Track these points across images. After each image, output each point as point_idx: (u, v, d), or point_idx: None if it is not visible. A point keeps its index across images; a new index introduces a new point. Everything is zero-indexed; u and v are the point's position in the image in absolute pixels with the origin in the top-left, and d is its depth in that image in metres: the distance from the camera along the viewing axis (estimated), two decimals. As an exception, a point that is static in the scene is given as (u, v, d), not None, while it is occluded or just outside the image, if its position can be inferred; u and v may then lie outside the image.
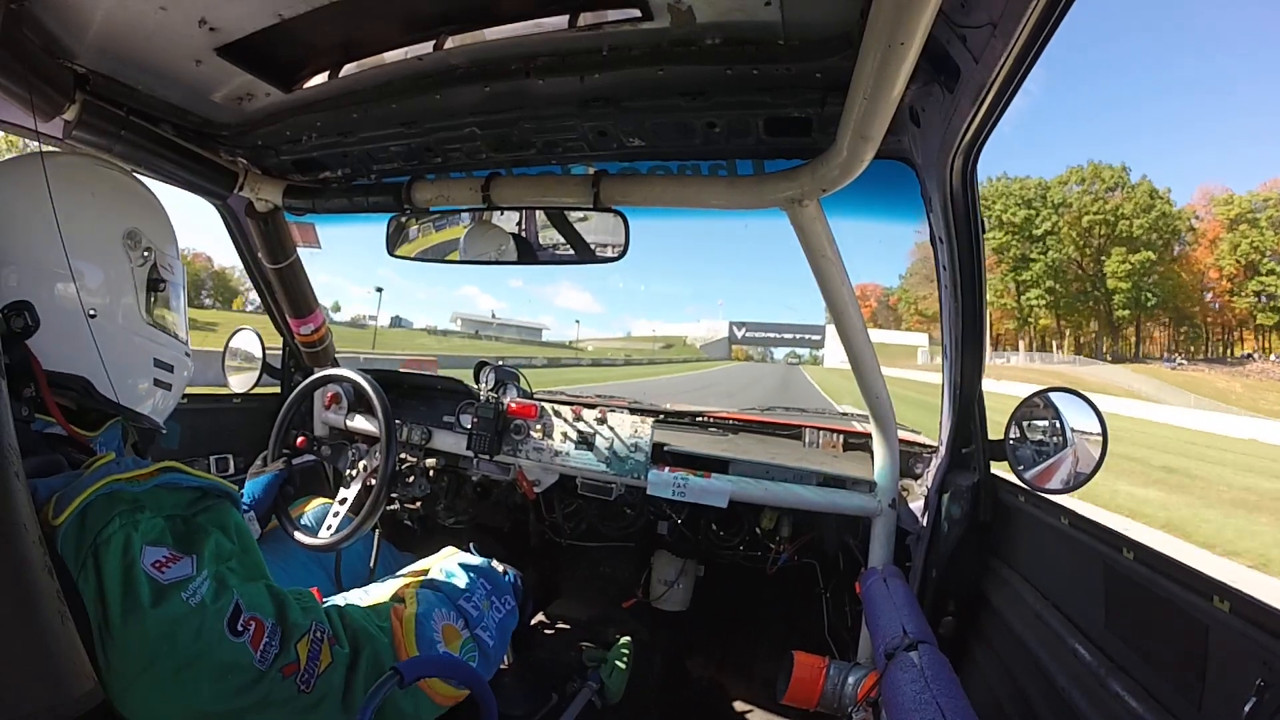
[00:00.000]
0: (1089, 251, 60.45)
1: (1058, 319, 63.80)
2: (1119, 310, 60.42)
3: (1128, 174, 59.46)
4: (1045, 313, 63.20)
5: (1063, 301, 62.41)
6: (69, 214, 0.81)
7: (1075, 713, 0.86)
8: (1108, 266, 58.95)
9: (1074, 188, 60.74)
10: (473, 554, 1.31)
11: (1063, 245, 60.37)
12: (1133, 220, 57.60)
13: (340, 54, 1.11)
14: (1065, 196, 60.54)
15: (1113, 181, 59.41)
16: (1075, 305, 62.90)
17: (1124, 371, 51.76)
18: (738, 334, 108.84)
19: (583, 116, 1.16)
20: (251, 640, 0.72)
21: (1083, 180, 60.62)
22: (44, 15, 0.94)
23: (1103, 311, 62.07)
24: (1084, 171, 60.71)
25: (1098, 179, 60.01)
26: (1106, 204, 58.77)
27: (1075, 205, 59.81)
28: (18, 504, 0.56)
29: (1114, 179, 59.54)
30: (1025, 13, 0.64)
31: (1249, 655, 0.61)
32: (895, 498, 1.47)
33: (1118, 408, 28.35)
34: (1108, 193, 59.26)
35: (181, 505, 0.75)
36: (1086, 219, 59.05)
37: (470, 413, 1.79)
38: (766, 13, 0.86)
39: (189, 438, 1.86)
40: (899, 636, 1.01)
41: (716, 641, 2.19)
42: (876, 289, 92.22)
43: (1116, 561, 0.86)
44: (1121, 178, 59.43)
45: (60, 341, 0.81)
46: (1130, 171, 59.55)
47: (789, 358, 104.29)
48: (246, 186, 1.56)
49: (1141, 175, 60.04)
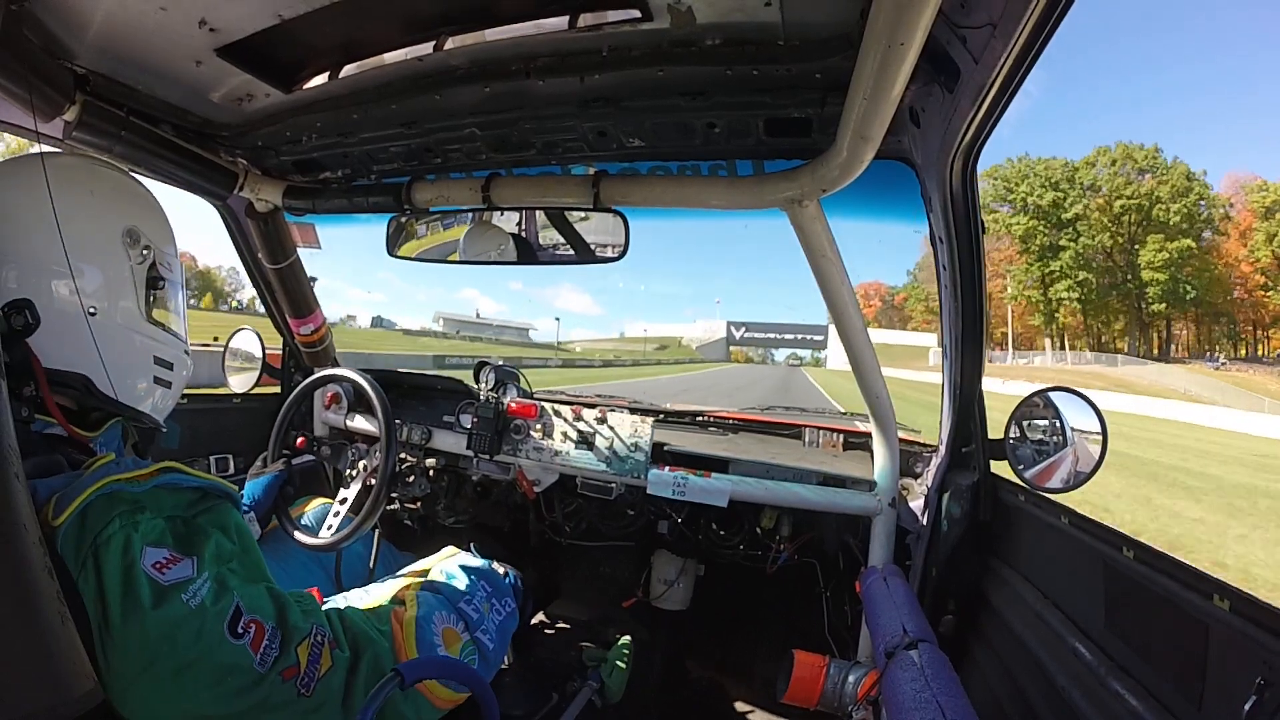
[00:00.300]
0: (1120, 240, 54.45)
1: (1084, 314, 57.66)
2: (1154, 304, 54.17)
3: (1161, 155, 53.62)
4: (1076, 306, 56.64)
5: (1093, 295, 56.33)
6: (68, 213, 0.82)
7: (1075, 712, 0.86)
8: (1142, 256, 53.10)
9: (1103, 170, 54.96)
10: (473, 554, 1.31)
11: (1094, 231, 54.48)
12: (1169, 205, 51.77)
13: (340, 54, 1.11)
14: (1095, 178, 54.85)
15: (1145, 163, 53.56)
16: (1106, 299, 56.85)
17: (1178, 372, 45.89)
18: (736, 334, 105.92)
19: (583, 117, 1.16)
20: (251, 643, 0.72)
21: (1113, 162, 54.56)
22: (44, 15, 0.94)
23: (1133, 306, 56.16)
24: (1114, 153, 54.67)
25: (1129, 160, 53.95)
26: (1140, 187, 53.09)
27: (1106, 188, 54.18)
28: (18, 504, 0.56)
29: (1146, 160, 53.61)
30: (1025, 13, 0.64)
31: (1249, 654, 0.61)
32: (895, 497, 1.47)
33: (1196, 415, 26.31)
34: (1139, 175, 53.65)
35: (182, 506, 0.75)
36: (1119, 203, 53.29)
37: (470, 412, 1.80)
38: (766, 13, 0.86)
39: (189, 438, 1.86)
40: (899, 635, 1.01)
41: (716, 641, 2.19)
42: (881, 287, 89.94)
43: (1116, 561, 0.86)
44: (1155, 159, 53.53)
45: (60, 340, 0.81)
46: (1162, 152, 53.61)
47: (790, 359, 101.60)
48: (246, 187, 1.56)
49: (1174, 157, 53.89)
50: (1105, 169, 54.73)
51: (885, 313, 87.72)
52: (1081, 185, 55.22)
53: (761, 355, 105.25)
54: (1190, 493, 9.62)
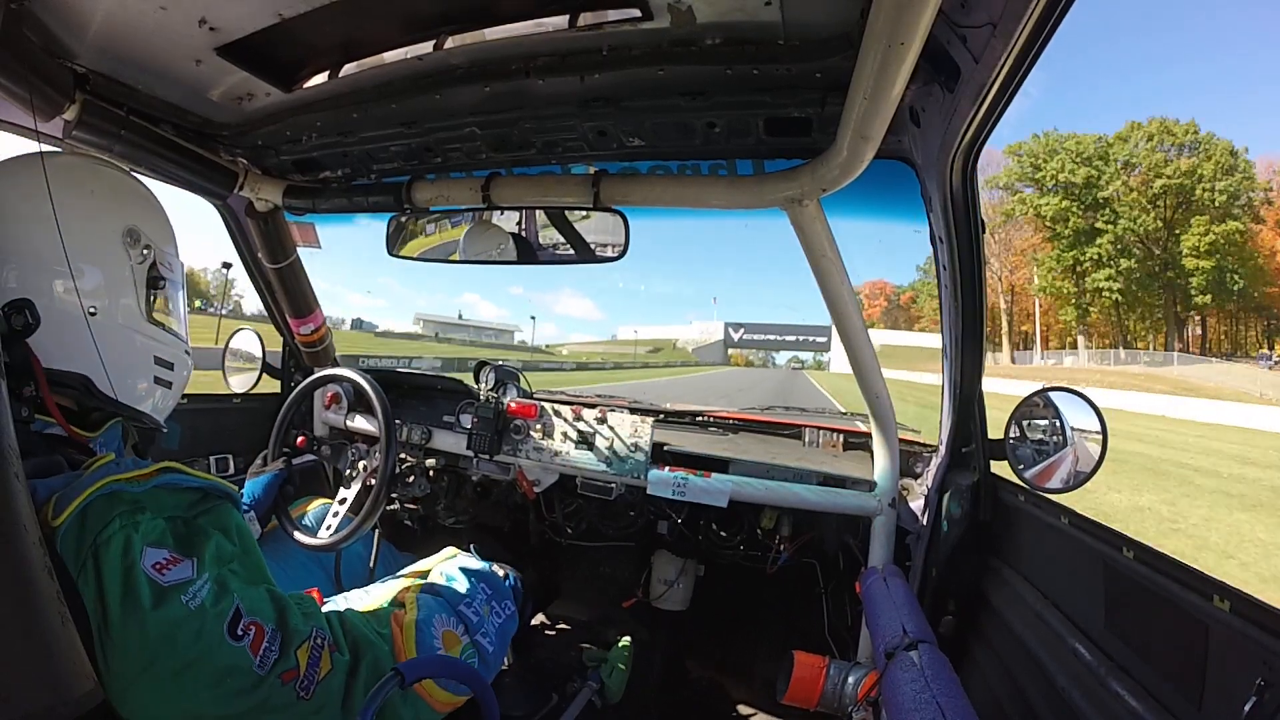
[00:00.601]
0: (1159, 223, 47.01)
1: (1120, 308, 49.41)
2: (1197, 296, 46.40)
3: (1199, 130, 46.18)
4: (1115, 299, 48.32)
5: (1134, 285, 48.44)
6: (69, 213, 0.82)
7: (1075, 712, 0.86)
8: (1185, 241, 45.72)
9: (1139, 145, 47.38)
10: (473, 555, 1.31)
11: (1134, 212, 46.71)
12: (1214, 184, 44.89)
13: (340, 54, 1.11)
14: (1132, 154, 47.25)
15: (1186, 139, 46.37)
16: (1147, 289, 48.78)
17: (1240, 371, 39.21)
18: (734, 336, 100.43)
19: (583, 116, 1.16)
20: (251, 645, 0.72)
21: (1149, 137, 46.92)
22: (44, 15, 0.94)
23: (1170, 299, 48.28)
24: (1149, 127, 47.01)
25: (1166, 135, 46.52)
26: (1180, 165, 45.68)
27: (1144, 165, 46.46)
28: (18, 504, 0.56)
29: (1187, 135, 46.24)
30: (1025, 13, 0.64)
31: (1249, 655, 0.61)
32: (895, 497, 1.47)
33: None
34: (1178, 152, 46.36)
35: (182, 506, 0.75)
36: (1159, 183, 45.71)
37: (470, 412, 1.80)
38: (766, 13, 0.86)
39: (189, 438, 1.86)
40: (899, 636, 1.01)
41: (716, 641, 2.19)
42: (886, 286, 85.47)
43: (1116, 561, 0.86)
44: (1194, 133, 46.13)
45: (60, 340, 0.81)
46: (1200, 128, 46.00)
47: (791, 363, 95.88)
48: (246, 186, 1.56)
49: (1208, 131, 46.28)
50: (1141, 144, 47.46)
51: (891, 313, 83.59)
52: (1117, 162, 48.17)
53: (762, 358, 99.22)
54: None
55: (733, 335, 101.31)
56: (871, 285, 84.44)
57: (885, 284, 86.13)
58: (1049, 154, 49.57)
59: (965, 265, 1.18)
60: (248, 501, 1.50)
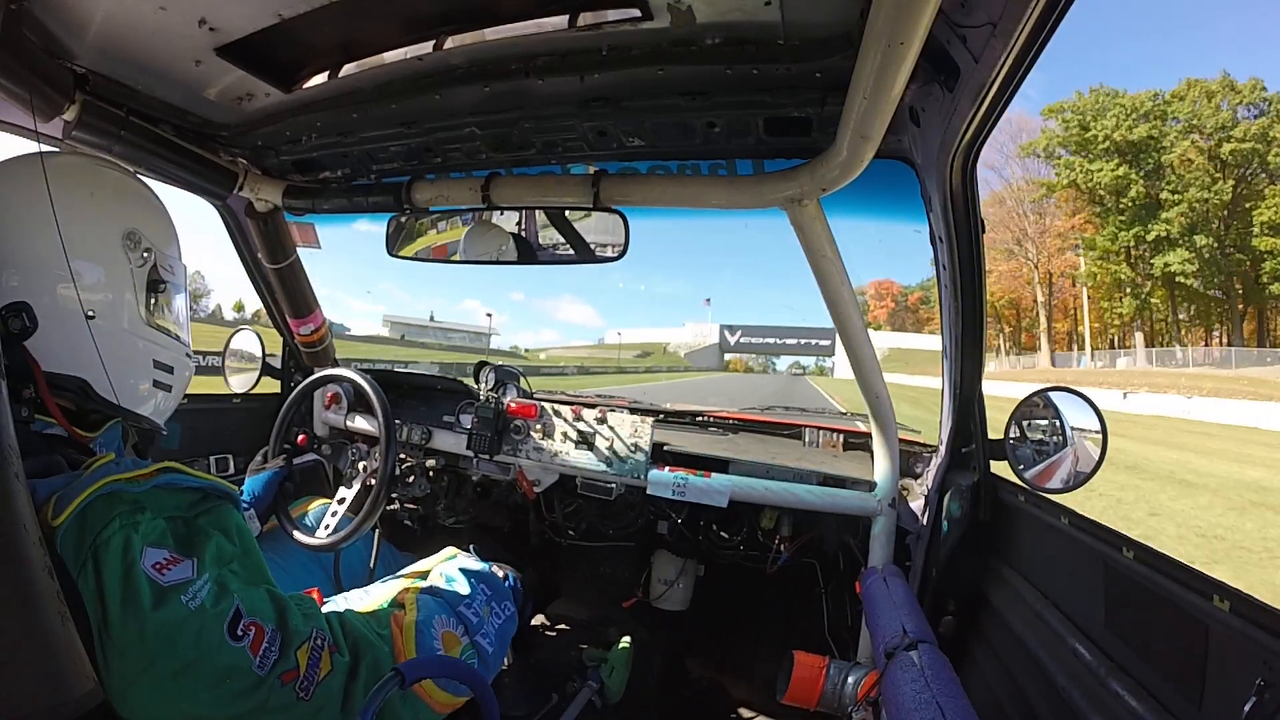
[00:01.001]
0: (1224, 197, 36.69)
1: (1172, 299, 40.05)
2: (1270, 283, 36.44)
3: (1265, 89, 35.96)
4: (1191, 286, 38.40)
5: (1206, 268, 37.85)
6: (68, 214, 0.81)
7: (1075, 712, 0.86)
8: (1258, 215, 35.59)
9: (1199, 105, 37.42)
10: (473, 555, 1.31)
11: (1206, 180, 36.63)
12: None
13: (340, 54, 1.11)
14: (1195, 114, 37.22)
15: (1254, 98, 36.60)
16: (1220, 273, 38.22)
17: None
18: (730, 339, 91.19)
19: (583, 116, 1.16)
20: (251, 645, 0.72)
21: (1209, 96, 37.27)
22: (44, 15, 0.94)
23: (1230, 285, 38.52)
24: (1211, 84, 37.12)
25: (1231, 93, 36.83)
26: (1249, 128, 36.00)
27: (1210, 124, 36.74)
28: (18, 504, 0.56)
29: (1255, 94, 36.47)
30: (1025, 13, 0.64)
31: (1249, 655, 0.61)
32: (895, 497, 1.47)
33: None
34: (1246, 112, 36.52)
35: (182, 507, 0.75)
36: (1228, 147, 35.91)
37: (470, 413, 1.80)
38: (766, 13, 0.86)
39: (189, 438, 1.86)
40: (899, 636, 1.01)
41: (716, 641, 2.19)
42: (894, 286, 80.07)
43: (1116, 561, 0.86)
44: (1261, 89, 36.09)
45: (59, 342, 0.81)
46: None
47: (792, 369, 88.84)
48: (246, 187, 1.56)
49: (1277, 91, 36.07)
50: (1203, 103, 37.64)
51: (898, 314, 78.60)
52: (1182, 120, 38.36)
53: (763, 363, 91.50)
54: None
55: (729, 338, 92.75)
56: (877, 285, 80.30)
57: (892, 284, 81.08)
58: (1097, 111, 39.93)
59: (965, 265, 1.18)
60: (247, 498, 1.50)
